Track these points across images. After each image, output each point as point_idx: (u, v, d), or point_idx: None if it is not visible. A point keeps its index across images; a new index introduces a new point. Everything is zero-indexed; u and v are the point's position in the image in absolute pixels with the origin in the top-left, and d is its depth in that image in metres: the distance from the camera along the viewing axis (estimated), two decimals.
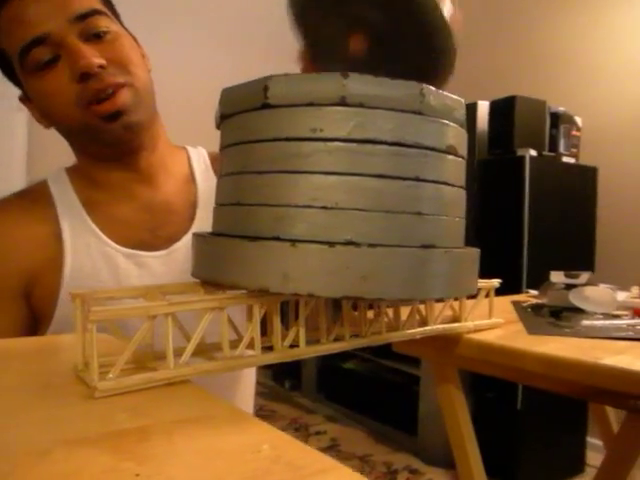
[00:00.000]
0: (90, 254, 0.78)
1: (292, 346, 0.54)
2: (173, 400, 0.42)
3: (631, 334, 0.74)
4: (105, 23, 0.73)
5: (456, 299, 0.70)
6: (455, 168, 0.54)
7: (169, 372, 0.45)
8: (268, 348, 0.52)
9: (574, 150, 2.11)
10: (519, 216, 1.90)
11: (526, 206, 1.91)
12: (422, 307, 0.67)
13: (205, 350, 0.53)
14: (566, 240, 1.92)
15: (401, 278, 0.47)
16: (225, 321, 0.49)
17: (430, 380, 2.10)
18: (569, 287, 1.01)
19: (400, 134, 0.49)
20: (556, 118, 2.08)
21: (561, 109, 2.08)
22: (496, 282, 0.76)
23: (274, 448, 0.32)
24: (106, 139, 0.75)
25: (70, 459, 0.30)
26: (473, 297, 0.73)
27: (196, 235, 0.55)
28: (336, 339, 0.58)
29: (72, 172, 0.84)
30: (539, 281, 1.08)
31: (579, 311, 0.92)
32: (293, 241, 0.47)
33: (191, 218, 0.86)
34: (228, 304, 0.49)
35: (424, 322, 0.67)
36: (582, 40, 2.21)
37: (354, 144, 0.49)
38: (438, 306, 0.69)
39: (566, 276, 1.00)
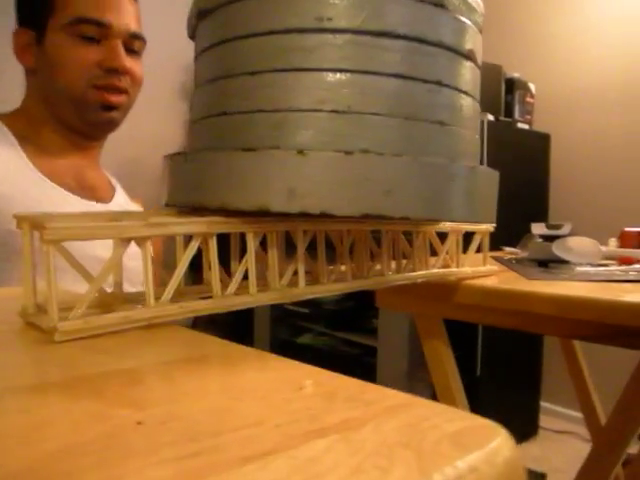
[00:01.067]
0: (17, 179, 0.77)
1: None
2: (157, 342, 0.33)
3: (632, 276, 0.70)
4: (142, 49, 0.89)
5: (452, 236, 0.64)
6: (474, 78, 0.47)
7: (149, 310, 0.36)
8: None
9: (528, 117, 2.11)
10: None
11: None
12: (419, 249, 0.60)
13: (184, 292, 0.44)
14: (522, 204, 1.91)
15: (427, 194, 0.40)
16: (214, 251, 0.40)
17: (386, 351, 2.07)
18: (548, 240, 0.97)
19: (420, 28, 0.41)
20: (511, 84, 2.06)
21: (516, 75, 2.07)
22: (490, 226, 0.70)
23: (320, 384, 0.24)
24: (88, 118, 0.85)
25: (33, 408, 0.21)
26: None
27: (171, 155, 0.46)
28: (336, 280, 0.50)
29: (4, 117, 0.84)
30: (498, 240, 1.04)
31: (563, 263, 0.89)
32: (300, 150, 0.38)
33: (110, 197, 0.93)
34: (218, 229, 0.40)
35: (414, 268, 0.60)
36: (537, 7, 2.20)
37: (368, 37, 0.40)
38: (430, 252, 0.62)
39: (547, 227, 0.97)
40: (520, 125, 2.07)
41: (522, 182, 2.02)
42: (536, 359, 2.13)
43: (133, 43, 0.84)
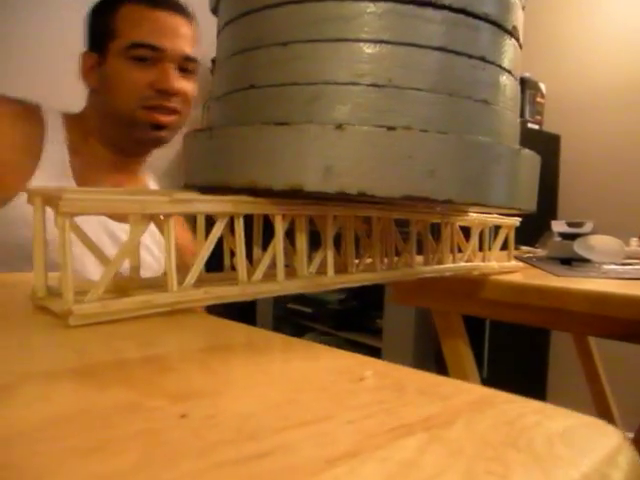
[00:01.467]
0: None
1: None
2: (182, 328, 0.30)
3: None
4: (195, 69, 0.91)
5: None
6: (517, 57, 0.44)
7: (172, 295, 0.32)
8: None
9: (538, 117, 2.08)
10: None
11: None
12: (446, 241, 0.57)
13: (205, 279, 0.41)
14: None
15: (472, 175, 0.37)
16: (240, 234, 0.37)
17: (391, 351, 2.04)
18: (567, 238, 0.94)
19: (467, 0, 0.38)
20: (522, 84, 2.03)
21: (526, 74, 2.04)
22: (516, 220, 0.67)
23: (382, 375, 0.20)
24: (137, 137, 0.87)
25: (54, 396, 0.18)
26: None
27: (193, 132, 0.43)
28: (365, 270, 0.47)
29: (69, 118, 0.88)
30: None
31: (585, 261, 0.86)
32: (339, 124, 0.35)
33: None
34: (245, 209, 0.37)
35: (440, 261, 0.57)
36: (548, 6, 2.17)
37: (410, 6, 0.37)
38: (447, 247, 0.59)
39: (569, 225, 0.94)
40: (530, 125, 2.04)
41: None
42: (543, 360, 2.10)
43: (187, 65, 0.89)
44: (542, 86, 2.10)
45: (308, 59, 0.37)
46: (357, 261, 0.47)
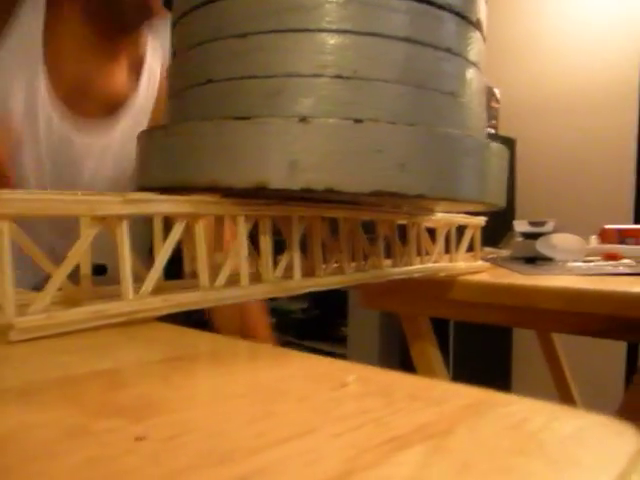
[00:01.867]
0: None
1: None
2: (138, 340, 0.27)
3: (626, 270, 0.68)
4: None
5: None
6: (481, 50, 0.43)
7: (128, 304, 0.30)
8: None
9: (493, 122, 2.12)
10: None
11: None
12: (413, 242, 0.55)
13: (163, 288, 0.38)
14: None
15: (442, 169, 0.35)
16: (201, 236, 0.34)
17: (356, 359, 2.02)
18: (528, 237, 0.95)
19: None
20: None
21: None
22: (482, 219, 0.67)
23: (367, 381, 0.18)
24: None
25: None
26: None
27: (147, 130, 0.40)
28: (333, 273, 0.45)
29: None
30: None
31: (548, 260, 0.86)
32: (303, 117, 0.33)
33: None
34: (206, 210, 0.34)
35: (408, 263, 0.55)
36: (501, 12, 2.22)
37: None
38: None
39: (531, 224, 0.94)
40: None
41: None
42: (506, 358, 2.12)
43: None
44: (496, 91, 2.14)
45: (268, 51, 0.36)
46: (324, 265, 0.45)
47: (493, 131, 2.11)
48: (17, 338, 0.25)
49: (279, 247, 0.40)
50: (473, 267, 0.65)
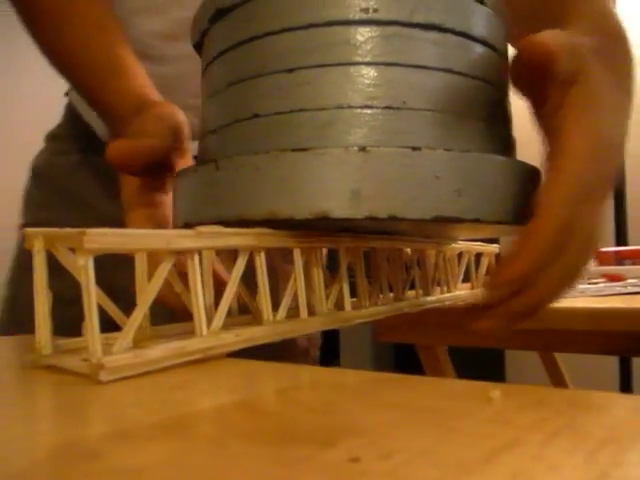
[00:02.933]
0: None
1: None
2: (225, 375, 0.26)
3: (635, 289, 0.69)
4: None
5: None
6: (506, 78, 0.45)
7: (204, 340, 0.29)
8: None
9: None
10: None
11: None
12: (444, 270, 0.56)
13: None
14: None
15: (495, 194, 0.36)
16: (263, 269, 0.34)
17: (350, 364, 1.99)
18: None
19: (467, 24, 0.39)
20: None
21: None
22: (497, 247, 0.68)
23: (511, 394, 0.18)
24: None
25: (146, 456, 0.14)
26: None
27: (193, 167, 0.40)
28: (375, 303, 0.45)
29: None
30: None
31: None
32: (362, 146, 0.33)
33: None
34: (267, 243, 0.34)
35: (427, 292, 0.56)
36: None
37: (417, 29, 0.37)
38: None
39: None
40: None
41: None
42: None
43: None
44: None
45: (317, 84, 0.36)
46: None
47: None
48: (107, 378, 0.24)
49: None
50: None
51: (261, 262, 0.34)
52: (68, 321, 0.29)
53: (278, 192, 0.34)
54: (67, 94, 0.67)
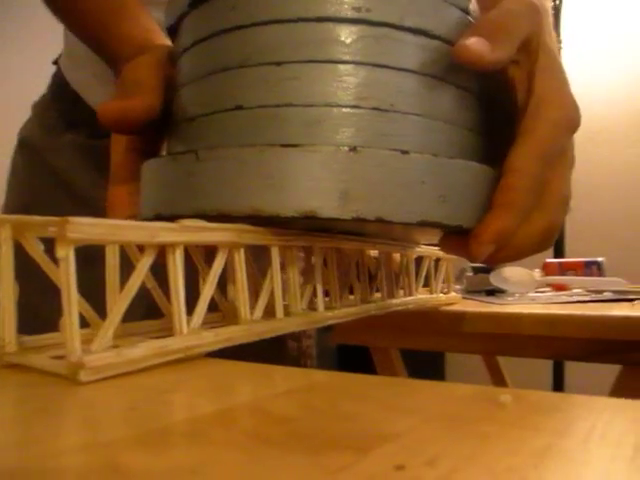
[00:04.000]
0: None
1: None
2: (207, 377, 0.25)
3: (580, 298, 0.73)
4: None
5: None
6: (492, 89, 0.46)
7: (185, 339, 0.28)
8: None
9: None
10: None
11: None
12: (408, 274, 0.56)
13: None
14: None
15: (476, 201, 0.37)
16: (242, 267, 0.33)
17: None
18: (479, 272, 1.00)
19: (455, 33, 0.39)
20: None
21: None
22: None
23: (521, 399, 0.18)
24: None
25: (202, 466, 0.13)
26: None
27: (171, 156, 0.38)
28: (346, 305, 0.44)
29: None
30: None
31: (502, 292, 0.91)
32: (353, 146, 0.33)
33: None
34: (250, 240, 0.33)
35: (410, 293, 0.56)
36: None
37: (407, 33, 0.37)
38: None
39: None
40: None
41: None
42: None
43: None
44: None
45: (306, 80, 0.35)
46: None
47: None
48: (87, 379, 0.23)
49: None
50: (451, 298, 0.67)
51: (240, 259, 0.33)
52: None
53: (263, 188, 0.33)
54: (56, 62, 0.64)
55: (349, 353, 1.68)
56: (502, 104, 0.43)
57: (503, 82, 0.41)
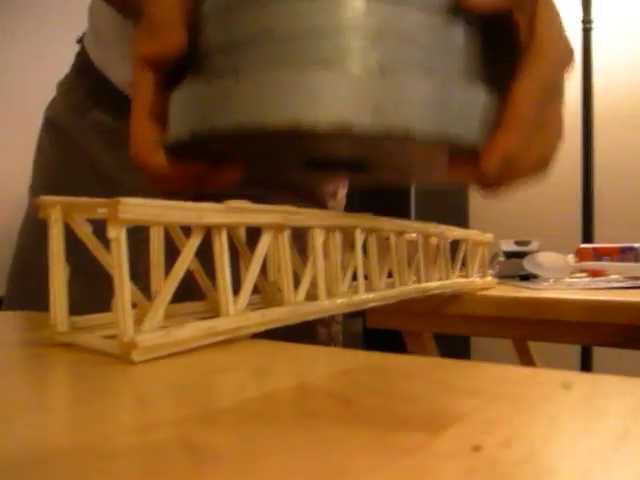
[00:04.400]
0: None
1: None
2: (254, 357, 0.25)
3: (619, 284, 0.71)
4: None
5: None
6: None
7: (233, 320, 0.27)
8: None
9: None
10: (406, 209, 1.91)
11: (412, 198, 1.93)
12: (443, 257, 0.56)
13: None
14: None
15: (485, 123, 0.37)
16: (286, 248, 0.33)
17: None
18: (512, 257, 0.98)
19: None
20: None
21: None
22: (491, 236, 0.68)
23: (583, 381, 0.18)
24: None
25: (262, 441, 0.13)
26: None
27: (204, 82, 0.37)
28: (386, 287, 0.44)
29: None
30: None
31: (536, 278, 0.89)
32: (382, 66, 0.33)
33: None
34: (293, 222, 0.33)
35: (447, 277, 0.55)
36: None
37: None
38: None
39: (516, 244, 0.97)
40: None
41: (445, 210, 2.09)
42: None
43: None
44: None
45: (333, 9, 0.35)
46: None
47: None
48: (139, 358, 0.23)
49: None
50: (487, 283, 0.66)
51: (284, 241, 0.32)
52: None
53: (303, 102, 0.33)
54: (80, 40, 0.64)
55: (375, 339, 1.68)
56: (507, 42, 0.43)
57: (508, 23, 0.41)
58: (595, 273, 0.87)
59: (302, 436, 0.14)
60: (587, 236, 1.91)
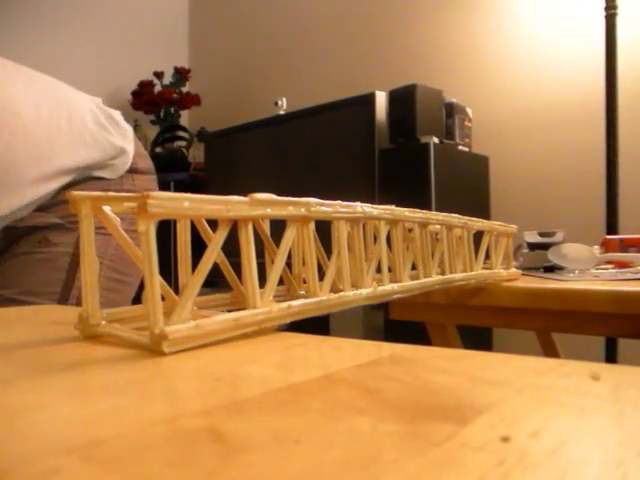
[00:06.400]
0: None
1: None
2: (280, 348, 0.25)
3: None
4: None
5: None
6: None
7: (260, 312, 0.28)
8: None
9: (467, 140, 2.17)
10: (427, 201, 1.89)
11: (432, 192, 1.90)
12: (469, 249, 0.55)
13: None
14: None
15: None
16: (311, 240, 0.33)
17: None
18: (536, 248, 0.97)
19: None
20: (450, 108, 2.11)
21: (454, 100, 2.12)
22: (515, 227, 0.68)
23: (611, 373, 0.17)
24: None
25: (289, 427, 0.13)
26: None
27: None
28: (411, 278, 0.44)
29: None
30: None
31: (560, 269, 0.88)
32: None
33: None
34: (318, 215, 0.33)
35: (471, 268, 0.55)
36: (471, 37, 2.29)
37: None
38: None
39: (540, 235, 0.96)
40: (460, 148, 2.12)
41: (467, 201, 2.07)
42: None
43: None
44: (469, 111, 2.20)
45: None
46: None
47: (467, 149, 2.15)
48: (170, 350, 0.23)
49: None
50: (512, 274, 0.65)
51: (309, 233, 0.33)
52: None
53: None
54: None
55: (395, 331, 1.67)
56: None
57: None
58: (621, 264, 0.86)
59: (329, 426, 0.14)
60: (612, 227, 1.87)
